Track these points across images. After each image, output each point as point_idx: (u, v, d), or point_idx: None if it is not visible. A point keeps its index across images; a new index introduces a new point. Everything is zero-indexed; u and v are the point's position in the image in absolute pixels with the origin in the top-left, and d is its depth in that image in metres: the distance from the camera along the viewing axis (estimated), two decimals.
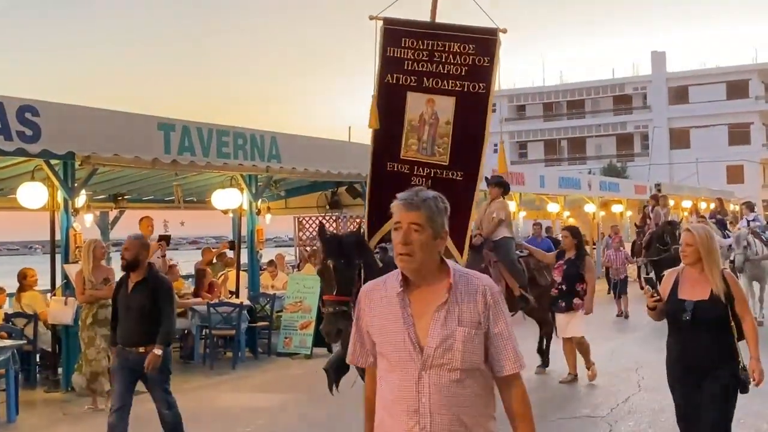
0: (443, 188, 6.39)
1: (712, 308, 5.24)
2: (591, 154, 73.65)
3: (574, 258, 10.44)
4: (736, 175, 65.48)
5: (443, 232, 3.22)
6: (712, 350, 5.29)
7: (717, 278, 5.28)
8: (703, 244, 5.31)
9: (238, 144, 12.94)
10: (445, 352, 3.06)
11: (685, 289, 5.40)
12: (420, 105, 6.86)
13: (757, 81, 69.97)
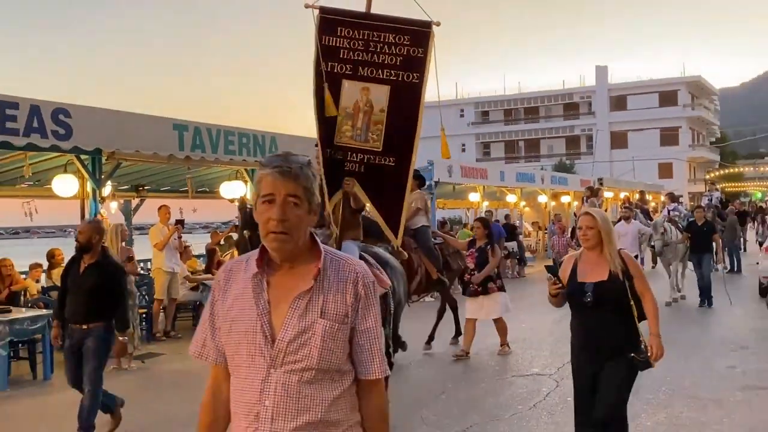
0: (377, 173, 6.22)
1: (611, 288, 4.76)
2: (544, 153, 73.89)
3: (485, 246, 9.97)
4: (666, 171, 65.89)
5: (316, 206, 2.43)
6: (615, 330, 4.78)
7: (615, 258, 4.81)
8: (603, 227, 4.85)
9: (243, 142, 12.92)
10: (300, 348, 2.30)
11: (584, 272, 4.88)
12: (355, 93, 6.24)
13: (684, 92, 70.44)
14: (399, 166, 6.29)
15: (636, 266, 4.95)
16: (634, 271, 4.87)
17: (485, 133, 77.08)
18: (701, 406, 7.36)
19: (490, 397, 7.95)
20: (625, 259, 4.89)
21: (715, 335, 11.20)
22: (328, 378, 2.34)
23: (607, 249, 4.83)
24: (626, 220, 15.13)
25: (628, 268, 4.83)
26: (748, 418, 6.96)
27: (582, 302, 4.81)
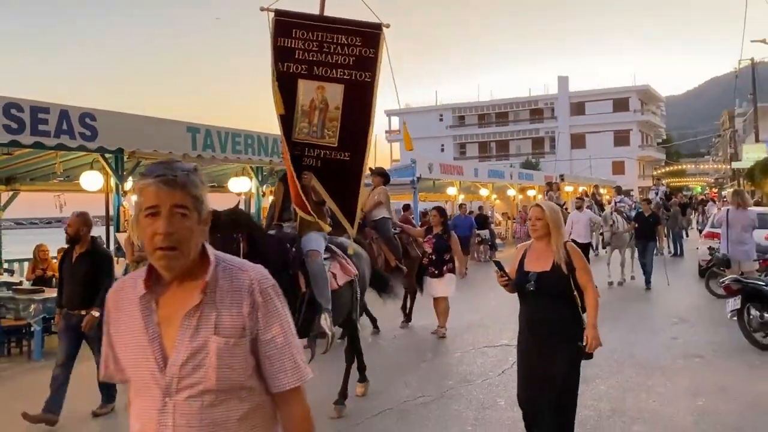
0: (333, 167, 5.95)
1: (554, 278, 4.37)
2: (513, 152, 73.82)
3: (441, 233, 9.74)
4: (619, 169, 66.02)
5: (208, 214, 1.98)
6: (557, 319, 4.40)
7: (560, 249, 4.41)
8: (551, 218, 4.46)
9: (248, 143, 12.86)
10: (195, 370, 1.86)
11: (530, 261, 4.53)
12: (311, 91, 5.91)
13: (635, 99, 70.49)
14: (354, 161, 6.01)
15: (580, 259, 4.50)
16: (578, 263, 4.44)
17: (461, 135, 76.95)
18: (647, 372, 7.39)
19: (464, 365, 7.97)
20: (570, 251, 4.47)
21: (660, 311, 11.25)
22: (233, 397, 1.91)
23: (554, 240, 4.46)
24: (579, 210, 15.01)
25: (572, 260, 4.42)
26: (687, 382, 7.00)
27: (526, 290, 4.48)
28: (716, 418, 5.83)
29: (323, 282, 5.75)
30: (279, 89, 5.80)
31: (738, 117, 63.72)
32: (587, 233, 14.83)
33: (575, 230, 14.52)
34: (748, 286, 8.49)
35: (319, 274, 5.74)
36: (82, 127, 9.86)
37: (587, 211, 15.52)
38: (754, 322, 8.35)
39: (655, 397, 6.49)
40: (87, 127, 9.92)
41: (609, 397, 6.49)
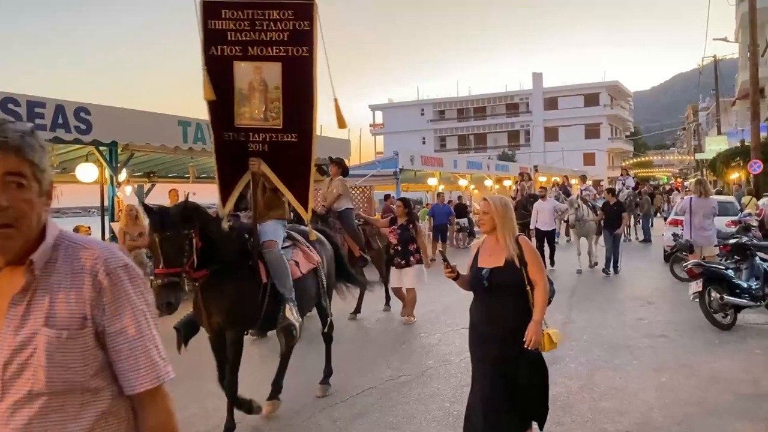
0: (281, 150, 5.34)
1: (507, 274, 4.02)
2: (490, 145, 73.90)
3: (406, 224, 9.37)
4: (590, 160, 66.29)
5: (50, 186, 1.57)
6: (510, 316, 4.04)
7: (511, 244, 4.05)
8: (498, 213, 4.11)
9: None
10: (21, 371, 1.45)
11: (483, 257, 4.17)
12: (248, 73, 5.32)
13: (605, 94, 70.77)
14: (302, 142, 5.39)
15: (532, 253, 4.12)
16: (530, 257, 4.07)
17: (442, 128, 76.96)
18: (615, 351, 7.45)
19: (443, 345, 7.99)
20: (522, 245, 4.11)
21: (627, 293, 11.34)
22: (73, 402, 1.49)
23: (501, 234, 4.10)
24: (542, 199, 14.99)
25: (524, 255, 4.07)
26: (652, 359, 7.07)
27: (479, 287, 4.14)
28: (678, 393, 5.90)
29: (283, 271, 5.39)
30: (210, 74, 5.19)
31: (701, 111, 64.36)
32: (551, 221, 14.82)
33: (540, 219, 14.64)
34: (709, 270, 8.58)
35: (278, 264, 5.37)
36: (77, 120, 9.72)
37: (551, 200, 15.47)
38: (714, 304, 8.44)
39: (621, 374, 6.55)
40: (82, 121, 9.79)
41: (578, 375, 6.54)
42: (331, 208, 9.65)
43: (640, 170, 66.01)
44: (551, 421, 5.18)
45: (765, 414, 5.16)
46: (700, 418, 5.25)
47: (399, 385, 6.35)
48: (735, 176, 28.47)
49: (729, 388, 5.94)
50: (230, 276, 5.01)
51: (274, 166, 5.37)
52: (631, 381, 6.30)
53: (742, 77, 32.50)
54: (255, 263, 5.29)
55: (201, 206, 5.03)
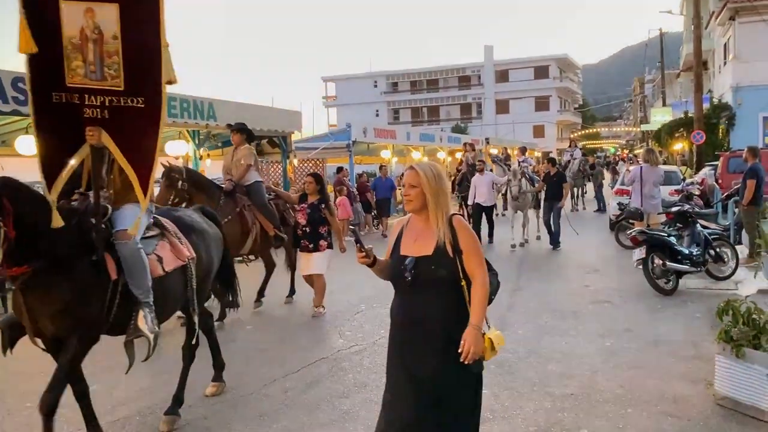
0: (126, 119, 4.19)
1: (436, 264, 3.08)
2: (443, 117, 74.09)
3: (317, 202, 8.06)
4: (539, 132, 67.15)
5: None
6: (441, 319, 3.08)
7: (443, 226, 3.11)
8: (429, 186, 3.15)
9: (184, 107, 12.39)
10: None
11: (407, 242, 3.21)
12: (78, 17, 4.04)
13: (555, 66, 71.46)
14: (149, 108, 4.21)
15: (469, 237, 3.15)
16: (466, 243, 3.11)
17: (395, 101, 76.75)
18: (562, 317, 7.60)
19: None
20: (457, 228, 3.14)
21: (573, 261, 11.54)
22: None
23: (432, 214, 3.15)
24: (480, 172, 13.99)
25: (458, 240, 3.11)
26: (596, 324, 7.24)
27: (401, 280, 3.17)
28: (622, 356, 6.05)
29: (139, 268, 4.35)
30: (31, 20, 3.94)
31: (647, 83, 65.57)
32: (490, 195, 13.93)
33: (478, 193, 13.81)
34: (652, 238, 8.79)
35: (133, 259, 4.32)
36: (14, 91, 9.30)
37: (489, 173, 14.65)
38: (656, 270, 8.67)
39: (568, 339, 6.69)
40: (20, 91, 9.36)
41: (526, 340, 6.65)
42: (238, 183, 8.59)
43: (588, 142, 67.17)
44: (499, 386, 5.29)
45: (704, 375, 5.33)
46: (642, 380, 5.40)
47: (350, 355, 6.36)
48: (679, 147, 29.21)
49: (670, 351, 6.12)
50: (63, 273, 4.04)
51: (115, 137, 4.22)
52: (576, 346, 6.43)
53: (687, 50, 33.20)
54: (100, 257, 4.23)
55: (16, 182, 3.99)
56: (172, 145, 13.20)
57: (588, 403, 4.92)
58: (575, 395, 5.09)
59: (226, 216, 7.92)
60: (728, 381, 4.74)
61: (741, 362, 4.64)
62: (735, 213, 11.63)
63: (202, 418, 4.95)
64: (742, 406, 4.61)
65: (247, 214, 8.46)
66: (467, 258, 3.11)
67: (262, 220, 8.62)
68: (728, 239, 10.04)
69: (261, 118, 15.15)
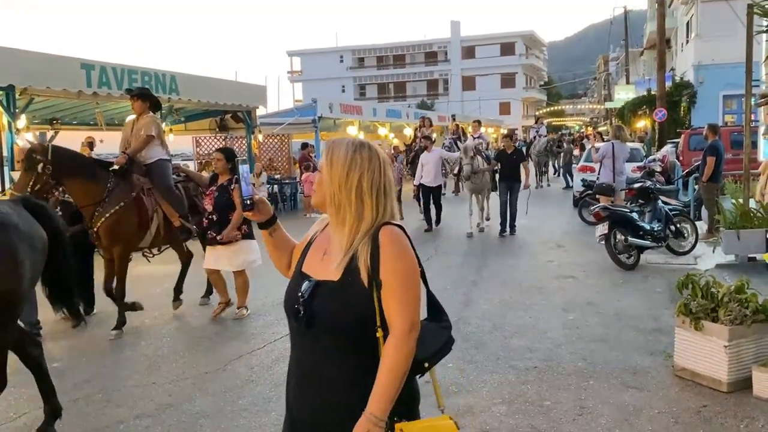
0: None
1: (340, 299, 1.92)
2: (410, 93, 73.91)
3: (227, 184, 6.71)
4: (505, 109, 67.55)
5: None
6: (342, 385, 1.94)
7: (360, 240, 1.93)
8: (338, 176, 1.96)
9: (145, 80, 12.08)
10: None
11: (315, 255, 2.07)
12: None
13: (521, 43, 71.76)
14: None
15: (397, 263, 1.90)
16: (391, 272, 1.89)
17: (361, 76, 76.25)
18: (527, 292, 7.70)
19: None
20: (384, 245, 1.91)
21: (538, 238, 11.65)
22: None
23: (344, 222, 1.97)
24: (427, 149, 12.95)
25: (380, 265, 1.89)
26: (560, 298, 7.35)
27: (292, 312, 2.00)
28: (584, 330, 6.16)
29: None
30: None
31: (612, 61, 66.19)
32: (438, 175, 12.83)
33: (425, 173, 12.69)
34: (614, 213, 8.93)
35: None
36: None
37: (437, 150, 13.54)
38: (619, 246, 8.82)
39: (532, 313, 6.78)
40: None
41: (491, 315, 6.72)
42: (134, 159, 6.90)
43: (553, 119, 67.77)
44: (464, 360, 5.34)
45: (663, 347, 5.45)
46: (604, 352, 5.51)
47: None
48: (641, 124, 29.61)
49: (631, 324, 6.25)
50: None
51: None
52: (540, 320, 6.53)
53: (650, 28, 33.57)
54: None
55: None
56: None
57: (551, 376, 5.00)
58: (538, 368, 5.17)
59: (117, 203, 6.49)
60: (687, 353, 4.86)
61: (699, 334, 4.76)
62: (695, 189, 11.89)
63: (166, 395, 4.90)
64: (700, 377, 4.73)
65: (147, 199, 6.83)
66: (387, 295, 1.86)
67: (165, 207, 7.02)
68: (688, 215, 10.26)
69: (225, 92, 14.97)
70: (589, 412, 4.32)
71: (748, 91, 9.36)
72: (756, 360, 4.61)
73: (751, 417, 4.17)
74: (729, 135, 15.31)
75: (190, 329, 6.79)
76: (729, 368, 4.56)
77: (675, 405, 4.40)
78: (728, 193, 10.53)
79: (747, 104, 9.49)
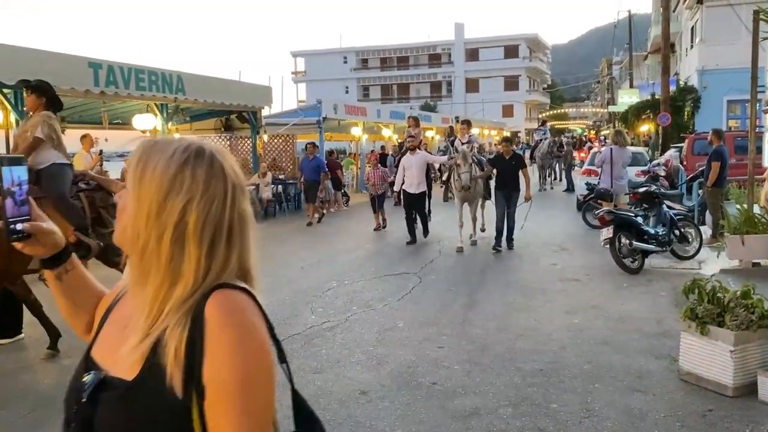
0: None
1: (130, 412, 1.06)
2: (413, 95, 73.96)
3: None
4: (508, 112, 67.62)
5: None
6: None
7: (166, 311, 1.10)
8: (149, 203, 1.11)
9: (152, 80, 12.18)
10: None
11: (113, 329, 1.22)
12: None
13: (524, 46, 71.76)
14: None
15: (234, 360, 1.05)
16: (224, 374, 1.05)
17: (365, 77, 76.33)
18: (530, 294, 7.71)
19: (366, 292, 8.04)
20: (212, 328, 1.07)
21: (541, 240, 11.64)
22: None
23: (145, 284, 1.13)
24: (412, 152, 11.61)
25: (204, 361, 1.06)
26: (564, 302, 7.36)
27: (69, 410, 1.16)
28: (588, 333, 6.18)
29: None
30: None
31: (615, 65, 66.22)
32: (422, 180, 11.46)
33: (407, 177, 11.37)
34: (619, 217, 8.95)
35: None
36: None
37: (421, 153, 12.02)
38: (623, 249, 8.84)
39: (536, 316, 6.79)
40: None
41: (495, 317, 6.74)
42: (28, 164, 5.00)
43: (555, 122, 67.74)
44: (471, 362, 5.37)
45: (667, 351, 5.47)
46: (608, 355, 5.53)
47: (323, 331, 6.38)
48: (645, 128, 29.60)
49: (635, 328, 6.27)
50: None
51: None
52: (544, 322, 6.54)
53: (655, 32, 33.54)
54: None
55: None
56: (140, 118, 12.99)
57: (557, 378, 5.02)
58: (544, 371, 5.19)
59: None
60: (692, 357, 4.88)
61: (705, 339, 4.78)
62: (699, 194, 11.92)
63: None
64: (705, 381, 4.75)
65: (32, 211, 4.06)
66: (216, 410, 1.07)
67: (58, 220, 5.61)
68: (692, 220, 10.27)
69: (231, 92, 15.03)
70: (595, 415, 4.35)
71: (754, 97, 9.38)
72: (762, 365, 4.63)
73: (756, 421, 4.19)
74: (733, 140, 15.30)
75: None
76: (735, 373, 4.58)
77: (680, 409, 4.42)
78: (733, 198, 10.53)
79: (752, 110, 9.50)
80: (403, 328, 6.44)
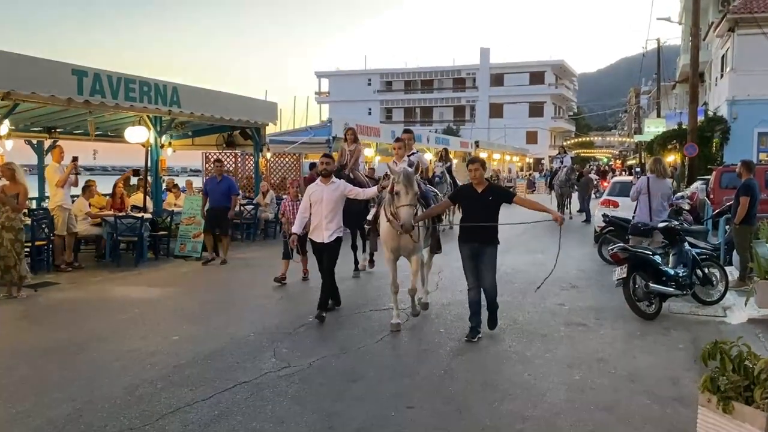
0: None
1: None
2: (436, 118, 73.52)
3: None
4: (532, 138, 66.81)
5: None
6: None
7: None
8: None
9: (144, 90, 11.50)
10: None
11: None
12: None
13: (550, 73, 71.13)
14: None
15: None
16: None
17: (388, 99, 76.15)
18: (529, 341, 6.76)
19: (344, 329, 7.17)
20: None
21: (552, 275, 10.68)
22: None
23: None
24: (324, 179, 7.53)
25: None
26: (567, 352, 6.40)
27: None
28: (590, 395, 5.21)
29: None
30: None
31: (643, 95, 65.18)
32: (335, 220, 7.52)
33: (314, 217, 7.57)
34: (635, 256, 7.97)
35: None
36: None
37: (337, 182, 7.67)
38: (638, 292, 7.85)
39: (531, 369, 5.83)
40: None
41: (484, 369, 5.81)
42: None
43: (580, 150, 66.66)
44: (440, 429, 4.44)
45: (683, 425, 4.50)
46: (610, 426, 4.57)
47: (277, 379, 5.46)
48: (671, 159, 28.49)
49: (646, 390, 5.29)
50: None
51: None
52: (540, 378, 5.58)
53: (684, 60, 32.53)
54: None
55: None
56: (132, 131, 12.34)
57: None
58: None
59: None
60: None
61: (728, 418, 3.81)
62: (726, 231, 10.83)
63: None
64: None
65: None
66: None
67: None
68: (718, 260, 9.25)
69: (231, 106, 14.40)
70: None
71: None
72: None
73: None
74: (764, 174, 14.20)
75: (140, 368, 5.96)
76: None
77: None
78: (763, 237, 9.44)
79: None
80: (373, 377, 5.53)
